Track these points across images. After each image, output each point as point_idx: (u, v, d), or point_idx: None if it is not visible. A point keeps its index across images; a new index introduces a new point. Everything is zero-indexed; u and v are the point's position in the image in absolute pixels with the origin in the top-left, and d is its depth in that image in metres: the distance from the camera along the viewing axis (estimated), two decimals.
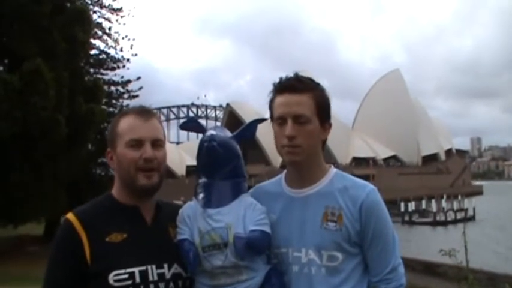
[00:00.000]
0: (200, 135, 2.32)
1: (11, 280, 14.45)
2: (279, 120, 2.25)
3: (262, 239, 2.15)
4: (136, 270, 2.09)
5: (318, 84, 2.31)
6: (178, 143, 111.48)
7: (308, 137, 2.22)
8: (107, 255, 2.08)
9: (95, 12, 34.85)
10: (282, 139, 2.23)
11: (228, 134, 2.31)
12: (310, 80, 2.30)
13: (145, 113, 2.27)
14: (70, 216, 2.17)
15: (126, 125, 2.23)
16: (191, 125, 2.46)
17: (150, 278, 2.11)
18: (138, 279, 2.08)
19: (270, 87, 2.32)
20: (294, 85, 2.24)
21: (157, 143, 2.24)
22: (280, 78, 2.30)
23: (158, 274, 2.14)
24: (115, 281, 2.05)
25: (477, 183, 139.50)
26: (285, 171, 2.43)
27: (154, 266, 2.13)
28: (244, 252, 2.11)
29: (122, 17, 37.19)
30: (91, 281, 2.07)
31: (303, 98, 2.22)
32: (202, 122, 2.54)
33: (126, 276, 2.07)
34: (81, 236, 2.10)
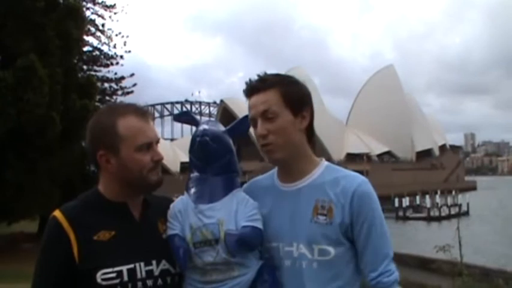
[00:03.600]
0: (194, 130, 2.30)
1: (4, 278, 14.41)
2: (252, 123, 2.25)
3: (253, 235, 2.14)
4: (124, 268, 2.06)
5: (287, 77, 2.30)
6: (172, 139, 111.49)
7: (280, 132, 2.19)
8: (94, 254, 2.05)
9: (88, 8, 34.88)
10: (258, 140, 2.23)
11: (221, 128, 2.28)
12: (277, 75, 2.30)
13: (145, 113, 2.22)
14: (57, 213, 2.11)
15: (131, 127, 2.14)
16: (185, 118, 2.44)
17: (138, 276, 2.08)
18: (125, 278, 2.05)
19: None
20: (257, 86, 2.23)
21: (158, 143, 2.23)
22: (246, 83, 2.28)
23: (146, 271, 2.11)
24: (103, 279, 2.03)
25: (471, 178, 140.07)
26: None
27: (142, 264, 2.11)
28: (236, 249, 2.09)
29: (115, 13, 37.23)
30: (79, 280, 2.04)
31: (267, 95, 2.20)
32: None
33: (113, 275, 2.04)
34: (69, 234, 2.06)
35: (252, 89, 2.24)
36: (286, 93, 2.22)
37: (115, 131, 2.13)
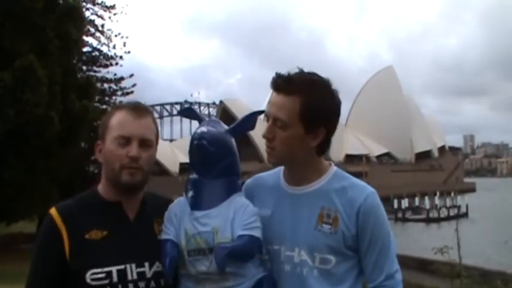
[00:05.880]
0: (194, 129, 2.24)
1: (3, 278, 14.39)
2: (266, 117, 2.19)
3: (249, 245, 2.05)
4: (113, 269, 2.04)
5: (317, 83, 2.15)
6: (171, 140, 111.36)
7: (282, 143, 2.13)
8: (85, 253, 2.05)
9: (87, 9, 34.82)
10: (263, 135, 2.18)
11: (223, 128, 2.20)
12: (307, 78, 2.15)
13: (138, 109, 2.19)
14: (52, 211, 2.13)
15: (117, 119, 2.15)
16: (188, 113, 2.37)
17: (129, 277, 2.06)
18: (115, 279, 2.03)
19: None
20: (281, 85, 2.12)
21: (146, 143, 2.15)
22: (276, 73, 2.17)
23: (138, 273, 2.08)
24: (92, 279, 2.02)
25: (470, 180, 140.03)
26: None
27: (134, 265, 2.08)
28: (225, 264, 1.99)
29: (114, 14, 37.16)
30: (70, 279, 2.04)
31: (286, 100, 2.10)
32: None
33: (103, 275, 2.02)
34: (62, 232, 2.06)
35: (276, 86, 2.15)
36: (306, 104, 2.09)
37: (107, 122, 2.18)
